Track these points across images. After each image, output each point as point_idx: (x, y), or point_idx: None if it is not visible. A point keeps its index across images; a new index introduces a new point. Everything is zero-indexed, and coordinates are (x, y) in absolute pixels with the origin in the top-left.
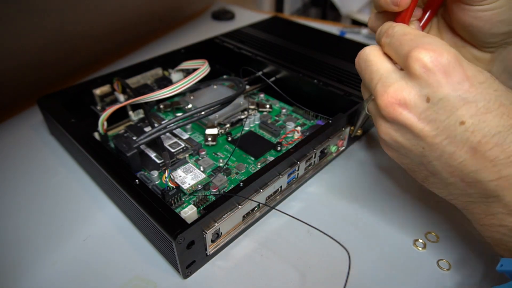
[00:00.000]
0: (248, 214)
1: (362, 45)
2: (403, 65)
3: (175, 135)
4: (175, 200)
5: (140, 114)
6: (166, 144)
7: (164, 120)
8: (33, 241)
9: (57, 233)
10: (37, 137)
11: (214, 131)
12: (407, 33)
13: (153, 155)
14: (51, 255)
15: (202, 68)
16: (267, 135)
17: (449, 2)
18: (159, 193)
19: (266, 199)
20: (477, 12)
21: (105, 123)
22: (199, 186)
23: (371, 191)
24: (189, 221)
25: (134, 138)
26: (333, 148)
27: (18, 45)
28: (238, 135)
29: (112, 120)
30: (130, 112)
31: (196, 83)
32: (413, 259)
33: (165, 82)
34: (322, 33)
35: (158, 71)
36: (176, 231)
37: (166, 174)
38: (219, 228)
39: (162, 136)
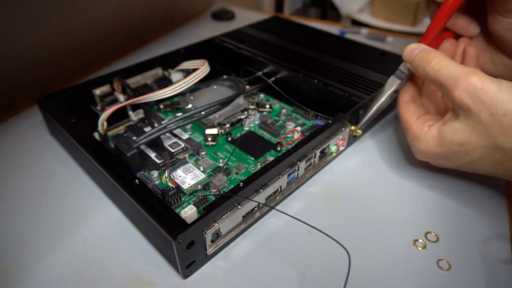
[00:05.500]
0: (248, 214)
1: (362, 45)
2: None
3: (175, 135)
4: (175, 200)
5: (140, 114)
6: (166, 144)
7: (164, 120)
8: (33, 241)
9: (57, 233)
10: (37, 137)
11: (214, 131)
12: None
13: (153, 155)
14: (51, 255)
15: (202, 68)
16: (267, 135)
17: (489, 12)
18: (159, 193)
19: (266, 199)
20: (509, 25)
21: (105, 123)
22: (199, 186)
23: (371, 191)
24: (189, 221)
25: (134, 138)
26: (333, 148)
27: (18, 45)
28: (238, 135)
29: (112, 120)
30: (130, 112)
31: (196, 83)
32: (413, 259)
33: (165, 82)
34: (322, 33)
35: (158, 71)
36: (176, 231)
37: (166, 174)
38: (219, 228)
39: (162, 136)
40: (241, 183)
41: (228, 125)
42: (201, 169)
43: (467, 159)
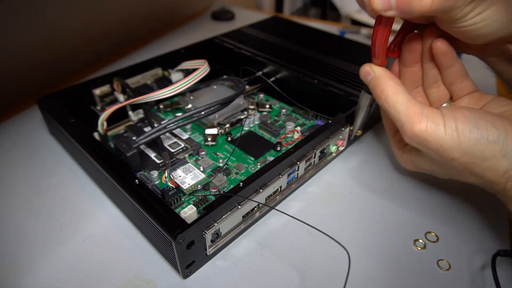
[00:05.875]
0: (248, 214)
1: (362, 45)
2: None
3: (175, 135)
4: (175, 200)
5: (140, 114)
6: (166, 144)
7: (164, 120)
8: (33, 241)
9: (57, 233)
10: (37, 137)
11: (214, 131)
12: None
13: (153, 155)
14: (51, 255)
15: (202, 68)
16: (267, 135)
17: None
18: (159, 193)
19: (266, 199)
20: (458, 28)
21: (105, 123)
22: (199, 186)
23: (370, 191)
24: (189, 221)
25: (134, 138)
26: (333, 148)
27: (18, 45)
28: (238, 135)
29: (112, 120)
30: (130, 112)
31: (196, 83)
32: (413, 259)
33: (165, 82)
34: (322, 33)
35: (158, 71)
36: (176, 231)
37: (166, 174)
38: (219, 228)
39: (162, 136)
40: (241, 183)
41: (228, 125)
42: (201, 169)
43: (441, 176)
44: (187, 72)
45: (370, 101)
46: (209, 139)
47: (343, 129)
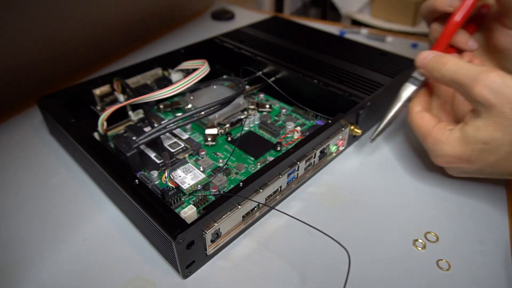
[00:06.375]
0: (248, 214)
1: (362, 45)
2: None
3: (175, 135)
4: (175, 200)
5: (140, 114)
6: (166, 144)
7: (164, 120)
8: (33, 241)
9: (57, 233)
10: (37, 137)
11: (214, 131)
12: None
13: (153, 155)
14: (51, 255)
15: (202, 68)
16: (267, 135)
17: (492, 23)
18: (159, 193)
19: (266, 199)
20: None
21: (105, 123)
22: (199, 186)
23: (370, 191)
24: (189, 221)
25: (134, 138)
26: (333, 148)
27: (18, 45)
28: (238, 135)
29: (112, 120)
30: (130, 112)
31: (196, 83)
32: (413, 259)
33: (165, 82)
34: (322, 33)
35: (158, 71)
36: (176, 231)
37: (166, 174)
38: (219, 228)
39: (162, 136)
40: (241, 183)
41: (228, 125)
42: (201, 169)
43: (492, 159)
44: (187, 72)
45: (412, 94)
46: (209, 139)
47: (343, 129)
